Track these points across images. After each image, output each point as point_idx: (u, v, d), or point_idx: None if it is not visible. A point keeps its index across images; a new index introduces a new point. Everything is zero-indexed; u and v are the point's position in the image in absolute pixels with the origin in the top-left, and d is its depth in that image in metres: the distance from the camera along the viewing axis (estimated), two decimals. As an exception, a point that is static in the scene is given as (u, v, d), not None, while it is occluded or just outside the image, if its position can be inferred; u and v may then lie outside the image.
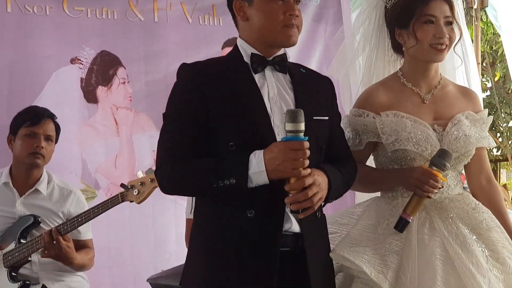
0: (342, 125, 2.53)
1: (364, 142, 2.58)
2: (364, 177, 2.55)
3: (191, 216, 3.50)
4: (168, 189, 2.21)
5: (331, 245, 2.47)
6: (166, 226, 3.54)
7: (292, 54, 4.29)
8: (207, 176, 2.07)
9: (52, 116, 3.39)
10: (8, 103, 4.05)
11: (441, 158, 2.44)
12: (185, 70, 2.21)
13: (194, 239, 2.23)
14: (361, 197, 3.04)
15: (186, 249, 2.33)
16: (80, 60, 4.26)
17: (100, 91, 4.38)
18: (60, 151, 4.06)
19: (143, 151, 4.46)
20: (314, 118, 2.19)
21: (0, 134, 3.57)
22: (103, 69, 4.36)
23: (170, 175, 2.15)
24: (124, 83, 4.41)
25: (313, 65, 4.48)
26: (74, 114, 4.30)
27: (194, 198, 3.47)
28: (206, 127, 2.13)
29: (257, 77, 2.20)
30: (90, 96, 4.35)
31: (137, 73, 4.45)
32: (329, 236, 2.50)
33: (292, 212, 2.09)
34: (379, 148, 2.62)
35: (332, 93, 2.38)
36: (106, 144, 4.37)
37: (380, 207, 2.57)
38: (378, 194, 2.67)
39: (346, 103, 3.72)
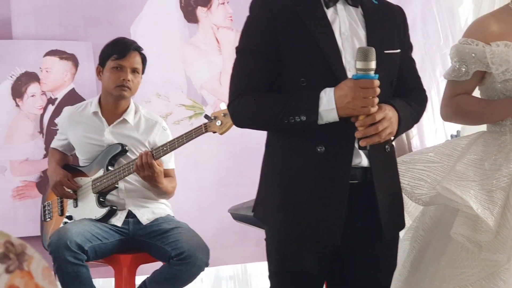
0: (449, 55, 2.49)
1: (471, 72, 2.47)
2: (472, 109, 2.50)
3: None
4: (240, 123, 2.22)
5: (432, 174, 2.42)
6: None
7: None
8: (277, 112, 2.05)
9: (138, 49, 3.33)
10: (109, 21, 4.07)
11: None
12: (257, 5, 2.17)
13: (266, 169, 2.23)
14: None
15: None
16: (178, -19, 4.18)
17: (200, 11, 4.30)
18: (164, 69, 4.09)
19: (247, 69, 4.36)
20: (386, 52, 2.11)
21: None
22: (202, -10, 4.27)
23: (241, 109, 2.14)
24: (223, 3, 4.30)
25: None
26: (175, 34, 4.27)
27: None
28: (278, 62, 2.10)
29: (329, 12, 2.12)
30: (190, 16, 4.30)
31: (237, -8, 4.33)
32: (431, 165, 2.47)
33: (360, 148, 2.07)
34: (486, 80, 2.50)
35: (404, 23, 2.27)
36: (209, 61, 4.34)
37: (487, 142, 2.47)
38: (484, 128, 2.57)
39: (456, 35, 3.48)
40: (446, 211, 2.45)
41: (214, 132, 3.15)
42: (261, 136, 4.21)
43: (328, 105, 2.00)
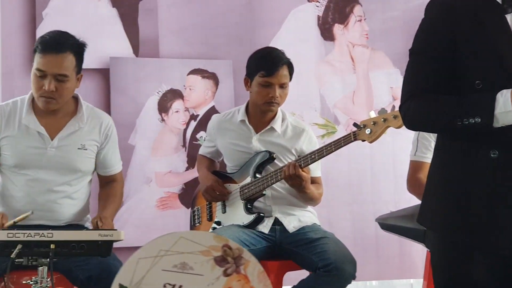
0: None
1: None
2: None
3: (415, 158, 3.26)
4: (411, 125, 2.07)
5: None
6: (406, 165, 3.39)
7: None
8: (451, 113, 1.91)
9: (287, 62, 3.20)
10: (249, 40, 4.08)
11: None
12: (434, 7, 2.05)
13: (434, 173, 2.07)
14: None
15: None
16: (317, -2, 4.14)
17: (337, 28, 4.24)
18: (299, 87, 4.04)
19: (381, 88, 4.27)
20: None
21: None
22: (340, 7, 4.23)
23: (413, 110, 2.01)
24: (360, 20, 4.23)
25: None
26: (311, 51, 4.24)
27: (419, 139, 3.24)
28: (452, 64, 1.97)
29: (508, 17, 1.98)
30: (327, 34, 4.25)
31: (374, 10, 4.25)
32: None
33: None
34: None
35: None
36: (343, 80, 4.25)
37: None
38: None
39: None
40: None
41: (363, 141, 2.98)
42: (388, 155, 4.11)
43: (505, 107, 1.85)
